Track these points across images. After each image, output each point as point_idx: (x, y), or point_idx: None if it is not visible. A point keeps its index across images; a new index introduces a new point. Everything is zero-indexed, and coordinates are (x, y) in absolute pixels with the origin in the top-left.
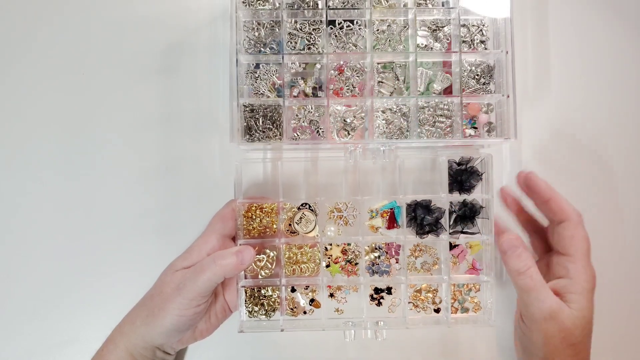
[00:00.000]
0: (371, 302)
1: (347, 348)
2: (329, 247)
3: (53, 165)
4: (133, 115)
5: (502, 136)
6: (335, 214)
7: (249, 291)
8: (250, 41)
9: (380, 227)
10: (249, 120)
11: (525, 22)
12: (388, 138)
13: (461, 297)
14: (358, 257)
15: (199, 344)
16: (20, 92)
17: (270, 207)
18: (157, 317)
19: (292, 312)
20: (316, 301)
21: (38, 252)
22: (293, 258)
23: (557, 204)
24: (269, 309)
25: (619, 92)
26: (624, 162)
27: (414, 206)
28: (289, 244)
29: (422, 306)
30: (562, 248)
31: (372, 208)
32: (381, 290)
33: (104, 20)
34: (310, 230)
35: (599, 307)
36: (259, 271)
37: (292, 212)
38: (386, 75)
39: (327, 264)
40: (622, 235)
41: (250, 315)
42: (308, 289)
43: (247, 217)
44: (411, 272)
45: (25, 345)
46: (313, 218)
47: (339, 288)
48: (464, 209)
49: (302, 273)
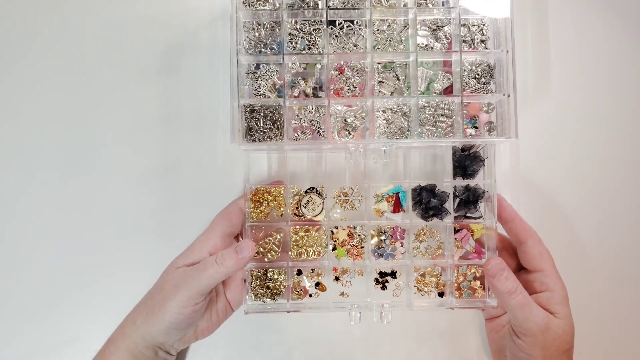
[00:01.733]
0: (376, 285)
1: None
2: (335, 230)
3: (53, 165)
4: (133, 116)
5: (503, 135)
6: (342, 197)
7: (255, 274)
8: (251, 41)
9: (386, 211)
10: (250, 121)
11: (525, 22)
12: (389, 138)
13: (465, 282)
14: (364, 240)
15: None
16: (20, 92)
17: (278, 191)
18: (156, 314)
19: (297, 295)
20: (322, 284)
21: (38, 252)
22: (300, 241)
23: (521, 222)
24: (275, 292)
25: (619, 92)
26: (624, 161)
27: (419, 190)
28: (295, 227)
29: (427, 290)
30: (534, 265)
31: (378, 192)
32: (386, 274)
33: (104, 20)
34: (317, 214)
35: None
36: (266, 254)
37: (299, 196)
38: (387, 75)
39: (334, 247)
40: (621, 235)
41: (256, 298)
42: (314, 272)
43: (254, 201)
44: (416, 256)
45: (25, 345)
46: (320, 202)
47: (345, 271)
48: (468, 193)
49: (308, 256)
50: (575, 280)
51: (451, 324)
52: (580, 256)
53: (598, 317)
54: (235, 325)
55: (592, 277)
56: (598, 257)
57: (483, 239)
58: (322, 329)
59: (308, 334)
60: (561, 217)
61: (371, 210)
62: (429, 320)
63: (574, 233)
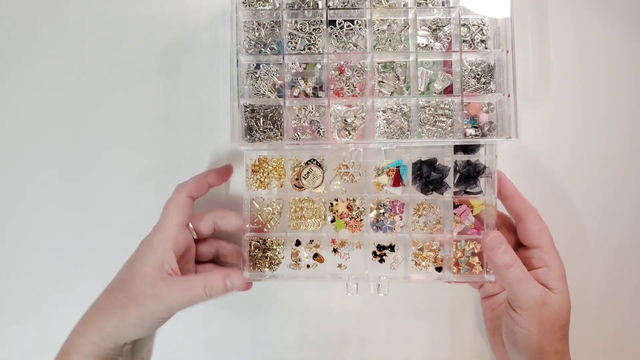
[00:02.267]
0: (374, 258)
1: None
2: (334, 202)
3: (53, 165)
4: (133, 116)
5: (503, 135)
6: (342, 170)
7: (254, 243)
8: (251, 41)
9: (386, 184)
10: (250, 121)
11: (525, 21)
12: (389, 138)
13: (463, 258)
14: (363, 213)
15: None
16: (20, 92)
17: (278, 161)
18: (128, 311)
19: (295, 265)
20: (320, 256)
21: (38, 252)
22: (299, 213)
23: (520, 199)
24: (273, 262)
25: (619, 92)
26: (624, 161)
27: (419, 164)
28: (295, 198)
29: (424, 264)
30: (533, 241)
31: (378, 166)
32: (384, 247)
33: (104, 20)
34: (317, 186)
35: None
36: (265, 224)
37: (300, 167)
38: (387, 75)
39: (333, 219)
40: (621, 234)
41: (254, 268)
42: (312, 244)
43: (255, 172)
44: (414, 230)
45: (25, 345)
46: (320, 173)
47: (343, 243)
48: (468, 168)
49: (307, 228)
50: (575, 278)
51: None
52: (581, 256)
53: (598, 317)
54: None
55: (592, 277)
56: (599, 255)
57: (482, 215)
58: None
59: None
60: (561, 217)
61: (371, 184)
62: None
63: (574, 233)
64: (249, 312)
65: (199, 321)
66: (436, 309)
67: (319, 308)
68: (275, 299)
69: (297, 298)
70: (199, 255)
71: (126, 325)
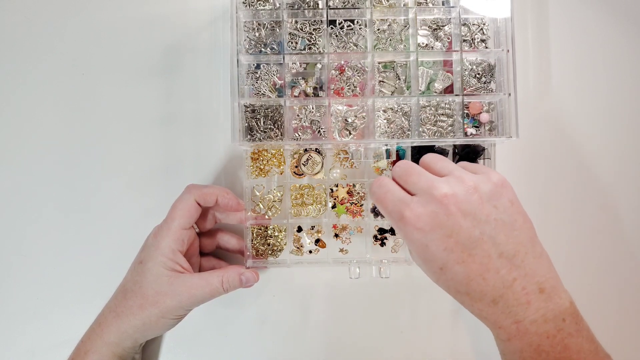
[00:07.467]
0: (375, 242)
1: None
2: (334, 188)
3: (53, 166)
4: (133, 116)
5: (504, 135)
6: (341, 156)
7: (255, 231)
8: (251, 41)
9: (385, 169)
10: (250, 121)
11: (525, 21)
12: (389, 137)
13: None
14: (363, 198)
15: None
16: (21, 92)
17: (278, 149)
18: (148, 311)
19: (298, 251)
20: (321, 241)
21: (38, 252)
22: (299, 199)
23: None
24: (275, 249)
25: (619, 92)
26: (624, 161)
27: (418, 148)
28: (295, 185)
29: None
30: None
31: (378, 151)
32: (385, 231)
33: (104, 20)
34: (317, 172)
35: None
36: (266, 211)
37: (299, 154)
38: (387, 74)
39: (333, 205)
40: (620, 234)
41: (256, 255)
42: (314, 229)
43: (254, 160)
44: None
45: (25, 345)
46: (319, 160)
47: (344, 228)
48: (467, 150)
49: (308, 214)
50: (575, 278)
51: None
52: (580, 255)
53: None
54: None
55: (592, 277)
56: (599, 256)
57: None
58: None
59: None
60: (561, 216)
61: (371, 168)
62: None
63: (574, 232)
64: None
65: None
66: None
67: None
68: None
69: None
70: (202, 247)
71: (146, 325)
